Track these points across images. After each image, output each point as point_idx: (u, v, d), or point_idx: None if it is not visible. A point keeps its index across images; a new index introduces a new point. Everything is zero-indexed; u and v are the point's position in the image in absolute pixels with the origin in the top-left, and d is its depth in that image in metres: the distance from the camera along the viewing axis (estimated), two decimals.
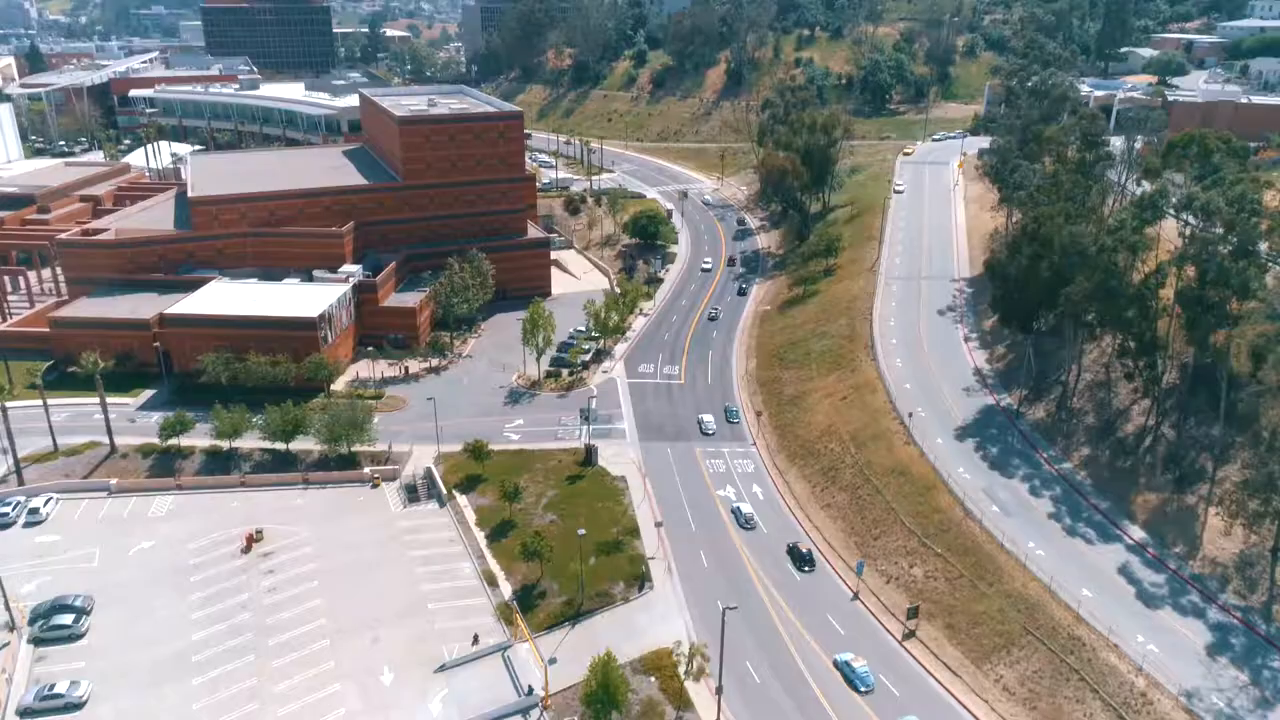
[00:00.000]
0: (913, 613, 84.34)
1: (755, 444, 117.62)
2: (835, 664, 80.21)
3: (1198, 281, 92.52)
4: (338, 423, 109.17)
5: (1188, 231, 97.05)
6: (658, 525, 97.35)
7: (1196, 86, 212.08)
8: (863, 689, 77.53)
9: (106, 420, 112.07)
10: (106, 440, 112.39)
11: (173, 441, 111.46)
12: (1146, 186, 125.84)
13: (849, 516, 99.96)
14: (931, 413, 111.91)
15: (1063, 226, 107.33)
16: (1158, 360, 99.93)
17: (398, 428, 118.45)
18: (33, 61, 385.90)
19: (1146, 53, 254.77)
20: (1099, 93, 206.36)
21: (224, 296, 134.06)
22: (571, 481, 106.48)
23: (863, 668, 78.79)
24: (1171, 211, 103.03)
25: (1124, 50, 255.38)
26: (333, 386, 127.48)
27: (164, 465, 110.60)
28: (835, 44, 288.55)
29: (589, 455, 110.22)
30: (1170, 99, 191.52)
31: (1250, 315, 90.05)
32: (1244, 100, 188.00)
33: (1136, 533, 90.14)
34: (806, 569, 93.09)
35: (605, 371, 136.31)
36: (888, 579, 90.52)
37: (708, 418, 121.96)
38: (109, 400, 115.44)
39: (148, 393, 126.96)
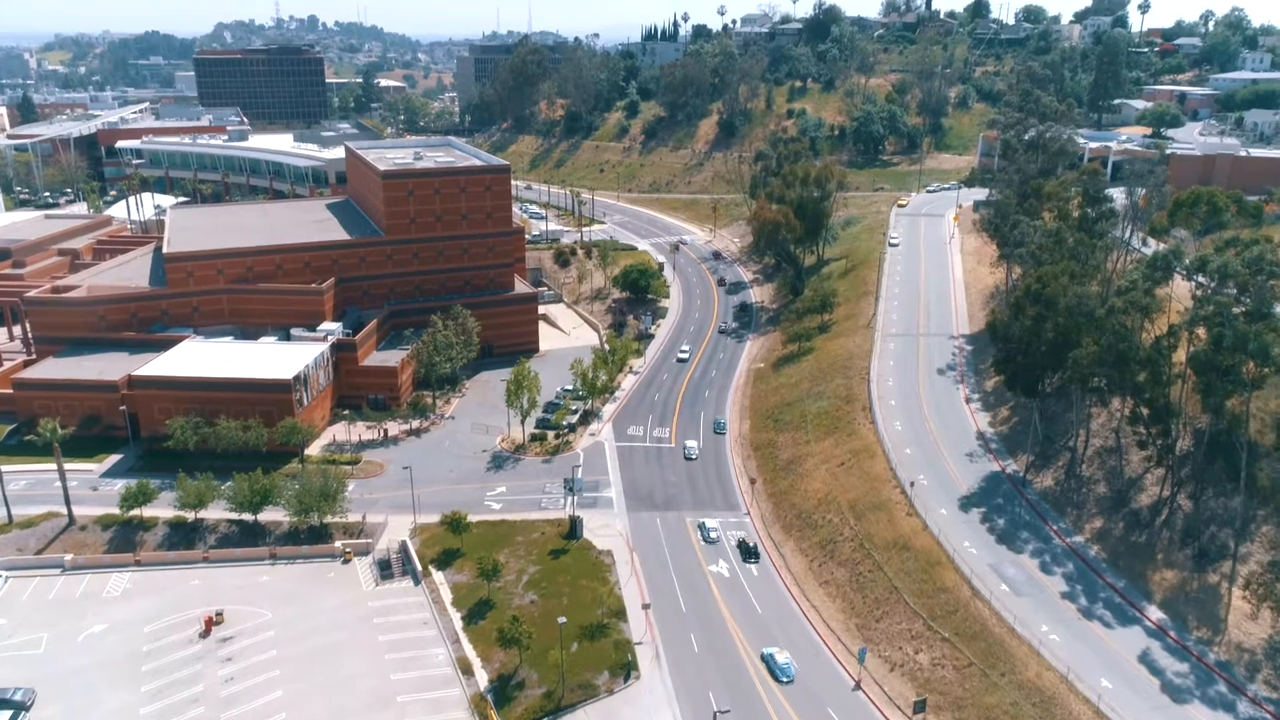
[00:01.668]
0: (920, 706, 78.05)
1: (749, 513, 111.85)
2: (761, 657, 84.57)
3: (1212, 345, 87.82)
4: (308, 493, 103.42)
5: (1199, 293, 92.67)
6: (645, 607, 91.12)
7: (1192, 138, 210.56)
8: (784, 679, 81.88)
9: (65, 490, 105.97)
10: (65, 511, 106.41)
11: (135, 512, 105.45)
12: (1151, 243, 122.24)
13: (849, 595, 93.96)
14: (934, 480, 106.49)
15: (1068, 286, 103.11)
16: (1171, 427, 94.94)
17: (373, 495, 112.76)
18: (24, 112, 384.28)
19: (1139, 104, 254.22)
20: (1093, 144, 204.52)
21: (196, 357, 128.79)
22: (555, 556, 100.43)
23: (785, 660, 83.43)
24: (1183, 272, 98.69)
25: (1117, 102, 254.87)
26: (308, 451, 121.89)
27: (124, 537, 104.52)
28: (827, 95, 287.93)
29: (573, 527, 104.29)
30: (1168, 151, 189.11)
31: (1271, 383, 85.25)
32: (1243, 153, 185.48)
33: (1155, 614, 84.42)
34: (751, 560, 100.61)
35: (593, 434, 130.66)
36: (891, 666, 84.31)
37: (691, 444, 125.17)
38: (71, 467, 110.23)
39: (113, 458, 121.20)
